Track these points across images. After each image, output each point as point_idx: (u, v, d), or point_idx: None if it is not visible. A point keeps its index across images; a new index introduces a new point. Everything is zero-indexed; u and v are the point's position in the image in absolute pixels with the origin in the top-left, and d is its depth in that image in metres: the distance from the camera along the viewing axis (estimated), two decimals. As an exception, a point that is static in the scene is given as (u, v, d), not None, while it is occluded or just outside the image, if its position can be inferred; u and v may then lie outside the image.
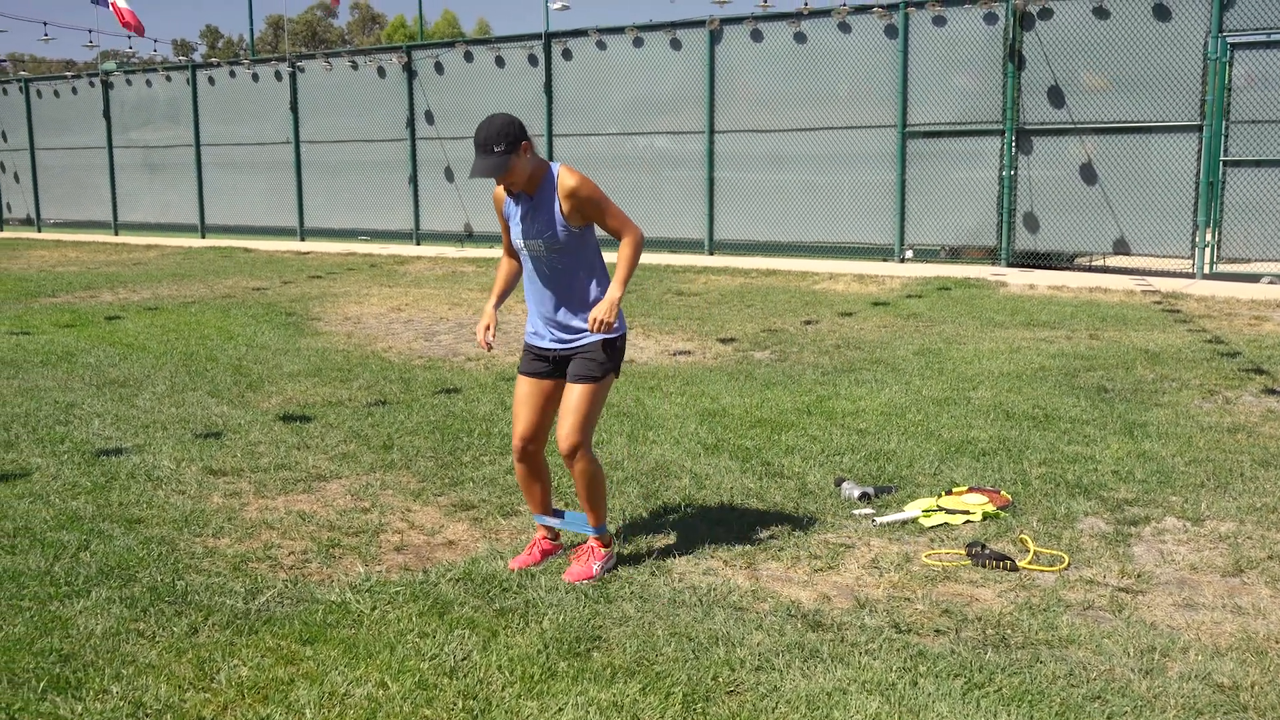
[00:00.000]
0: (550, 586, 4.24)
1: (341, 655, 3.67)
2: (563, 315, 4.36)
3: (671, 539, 4.76)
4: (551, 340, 4.41)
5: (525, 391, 4.48)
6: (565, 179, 4.23)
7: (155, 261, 17.72)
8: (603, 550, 4.46)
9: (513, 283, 4.66)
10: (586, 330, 4.34)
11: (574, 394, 4.33)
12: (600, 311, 4.24)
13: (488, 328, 4.55)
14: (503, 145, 4.14)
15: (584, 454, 4.32)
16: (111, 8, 24.13)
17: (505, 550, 4.67)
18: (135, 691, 3.44)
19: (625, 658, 3.64)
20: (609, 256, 4.38)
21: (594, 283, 4.38)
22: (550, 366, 4.44)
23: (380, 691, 3.43)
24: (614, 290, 4.27)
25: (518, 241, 4.37)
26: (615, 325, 4.35)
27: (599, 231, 4.41)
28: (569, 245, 4.29)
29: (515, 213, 4.36)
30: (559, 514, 4.65)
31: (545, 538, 4.63)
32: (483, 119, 4.18)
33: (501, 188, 4.40)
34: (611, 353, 4.38)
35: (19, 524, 5.01)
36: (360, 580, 4.35)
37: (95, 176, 23.79)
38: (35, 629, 3.90)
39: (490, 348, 4.60)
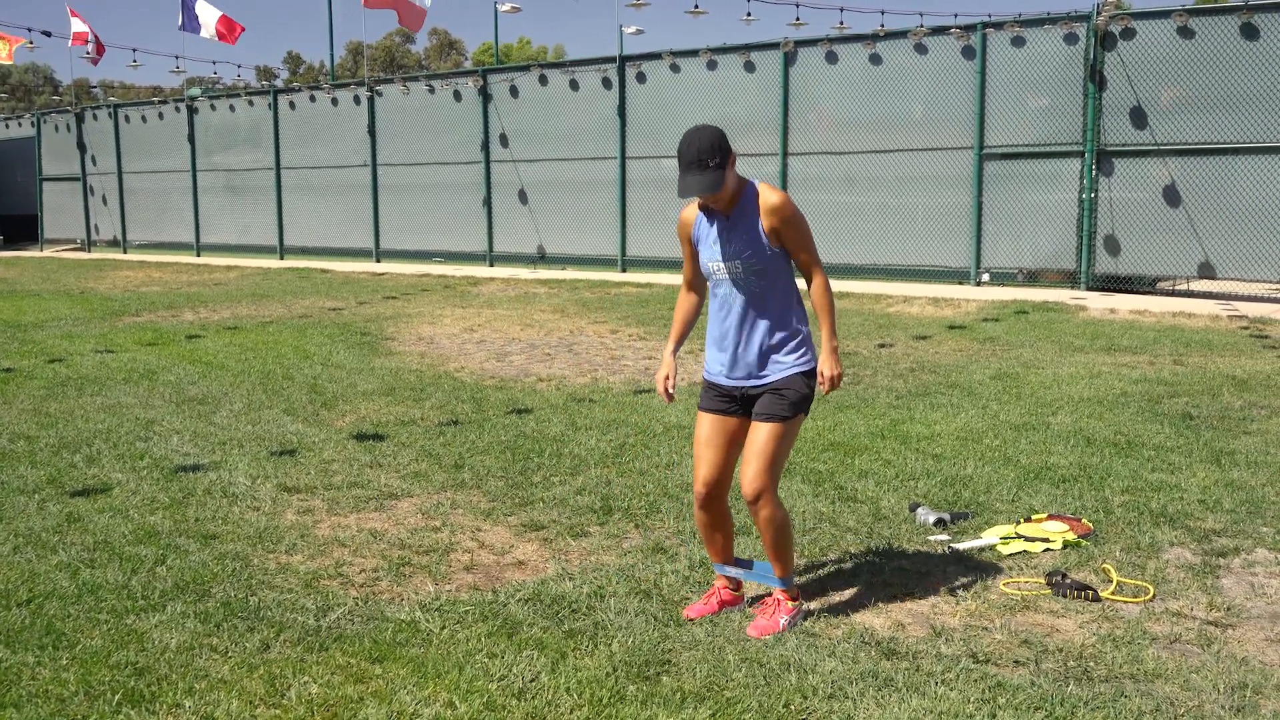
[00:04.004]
0: (619, 609, 4.20)
1: (410, 674, 3.66)
2: (756, 346, 4.01)
3: (742, 563, 4.70)
4: (740, 377, 4.05)
5: (709, 431, 4.10)
6: (768, 196, 3.91)
7: (235, 282, 18.07)
8: (790, 604, 4.09)
9: (692, 322, 4.30)
10: (780, 364, 4.02)
11: (761, 434, 3.96)
12: (829, 367, 4.02)
13: (667, 377, 4.21)
14: (717, 159, 3.80)
15: (770, 499, 3.95)
16: (219, 22, 24.55)
17: (574, 571, 4.64)
18: (207, 706, 3.46)
19: (695, 683, 3.59)
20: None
21: (790, 311, 4.05)
22: (736, 404, 4.09)
23: (449, 711, 3.41)
24: (830, 340, 4.04)
25: (711, 264, 4.02)
26: (807, 358, 4.07)
27: None
28: (769, 267, 3.96)
29: (709, 234, 4.02)
30: (745, 563, 4.27)
31: (725, 587, 4.25)
32: (687, 131, 3.86)
33: (689, 210, 4.11)
34: (807, 385, 4.04)
35: (99, 538, 5.09)
36: (430, 599, 4.35)
37: (179, 199, 24.40)
38: (112, 642, 3.95)
39: (671, 398, 4.23)
